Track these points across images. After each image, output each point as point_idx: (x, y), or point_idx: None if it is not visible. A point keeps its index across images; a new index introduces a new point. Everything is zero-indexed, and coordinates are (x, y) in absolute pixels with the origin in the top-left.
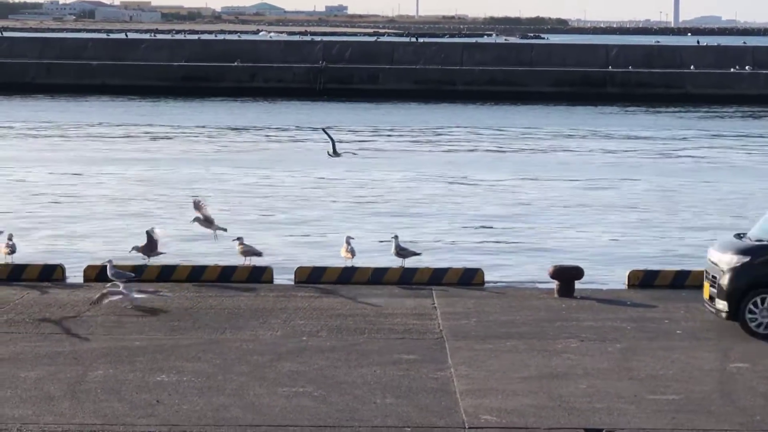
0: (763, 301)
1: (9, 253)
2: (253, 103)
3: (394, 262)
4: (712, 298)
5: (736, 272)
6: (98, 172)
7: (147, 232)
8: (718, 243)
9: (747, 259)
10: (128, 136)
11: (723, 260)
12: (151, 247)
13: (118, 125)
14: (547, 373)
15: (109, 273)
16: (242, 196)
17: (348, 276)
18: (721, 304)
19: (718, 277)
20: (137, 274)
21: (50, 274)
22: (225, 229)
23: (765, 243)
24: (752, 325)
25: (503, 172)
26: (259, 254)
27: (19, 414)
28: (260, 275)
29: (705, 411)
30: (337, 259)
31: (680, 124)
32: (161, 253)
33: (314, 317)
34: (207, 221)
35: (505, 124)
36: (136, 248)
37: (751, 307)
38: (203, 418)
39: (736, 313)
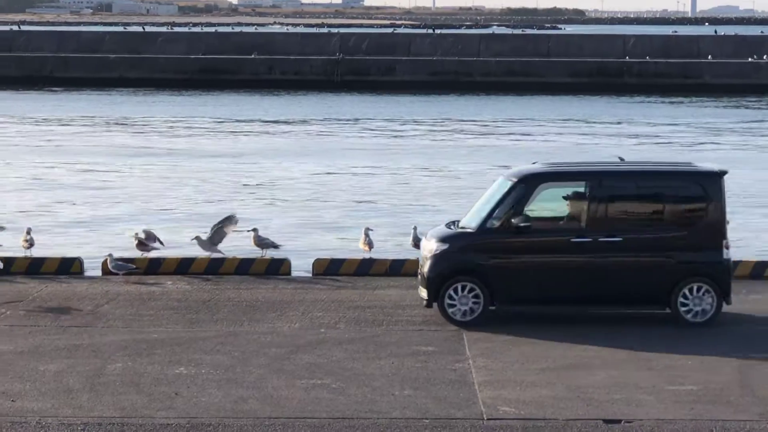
0: (462, 288)
1: (28, 247)
2: (273, 96)
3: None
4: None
5: (435, 260)
6: (123, 164)
7: (145, 230)
8: (429, 232)
9: (446, 246)
10: (156, 128)
11: (426, 248)
12: (149, 242)
13: (144, 117)
14: (565, 364)
15: (109, 266)
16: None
17: (366, 268)
18: (423, 292)
19: (422, 265)
20: (156, 267)
21: (68, 268)
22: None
23: (465, 231)
24: (450, 311)
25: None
26: (275, 246)
27: (39, 407)
28: (278, 267)
29: (724, 401)
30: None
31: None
32: (158, 248)
33: (332, 309)
34: (213, 240)
35: (559, 114)
36: (139, 239)
37: (451, 293)
38: (222, 410)
39: (435, 300)
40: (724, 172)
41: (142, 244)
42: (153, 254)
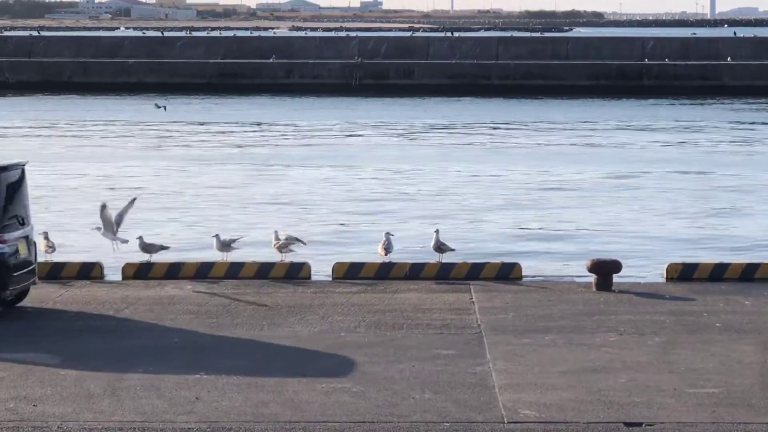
0: None
1: (50, 252)
2: (297, 100)
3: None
4: None
5: None
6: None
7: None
8: None
9: None
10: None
11: None
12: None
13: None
14: (585, 367)
15: (139, 247)
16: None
17: (386, 271)
18: None
19: None
20: (175, 272)
21: (89, 272)
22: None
23: None
24: None
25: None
26: (303, 242)
27: (60, 411)
28: (298, 271)
29: (745, 404)
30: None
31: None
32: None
33: (352, 313)
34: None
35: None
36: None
37: None
38: (242, 414)
39: None
40: (4, 168)
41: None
42: (173, 259)
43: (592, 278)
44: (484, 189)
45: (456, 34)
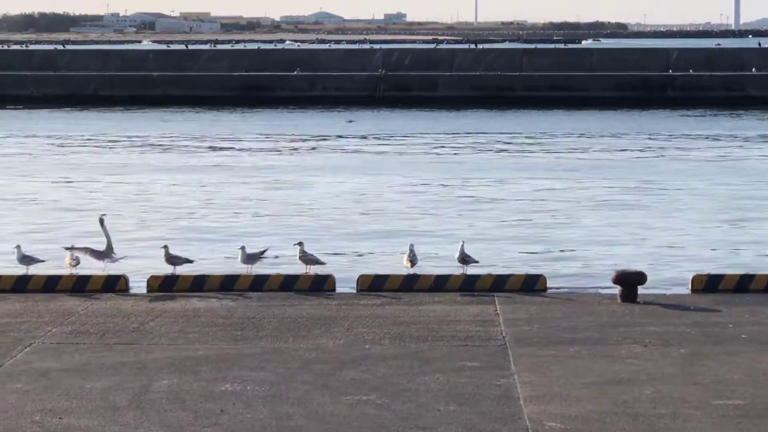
0: None
1: (74, 265)
2: (324, 112)
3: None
4: None
5: None
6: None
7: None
8: None
9: None
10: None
11: None
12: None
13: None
14: (610, 379)
15: (164, 258)
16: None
17: (410, 283)
18: None
19: None
20: (201, 284)
21: (114, 285)
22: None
23: None
24: None
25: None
26: (321, 263)
27: (86, 424)
28: (323, 284)
29: None
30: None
31: None
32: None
33: (377, 325)
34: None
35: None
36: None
37: None
38: (267, 427)
39: None
40: None
41: (172, 258)
42: (198, 271)
43: (617, 290)
44: (507, 200)
45: (480, 46)
